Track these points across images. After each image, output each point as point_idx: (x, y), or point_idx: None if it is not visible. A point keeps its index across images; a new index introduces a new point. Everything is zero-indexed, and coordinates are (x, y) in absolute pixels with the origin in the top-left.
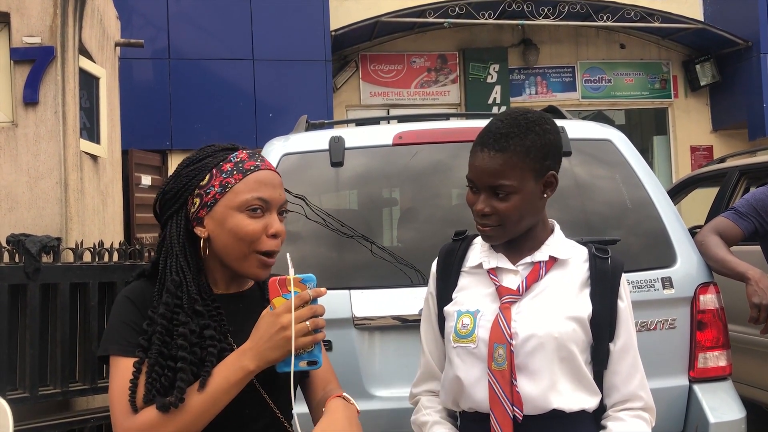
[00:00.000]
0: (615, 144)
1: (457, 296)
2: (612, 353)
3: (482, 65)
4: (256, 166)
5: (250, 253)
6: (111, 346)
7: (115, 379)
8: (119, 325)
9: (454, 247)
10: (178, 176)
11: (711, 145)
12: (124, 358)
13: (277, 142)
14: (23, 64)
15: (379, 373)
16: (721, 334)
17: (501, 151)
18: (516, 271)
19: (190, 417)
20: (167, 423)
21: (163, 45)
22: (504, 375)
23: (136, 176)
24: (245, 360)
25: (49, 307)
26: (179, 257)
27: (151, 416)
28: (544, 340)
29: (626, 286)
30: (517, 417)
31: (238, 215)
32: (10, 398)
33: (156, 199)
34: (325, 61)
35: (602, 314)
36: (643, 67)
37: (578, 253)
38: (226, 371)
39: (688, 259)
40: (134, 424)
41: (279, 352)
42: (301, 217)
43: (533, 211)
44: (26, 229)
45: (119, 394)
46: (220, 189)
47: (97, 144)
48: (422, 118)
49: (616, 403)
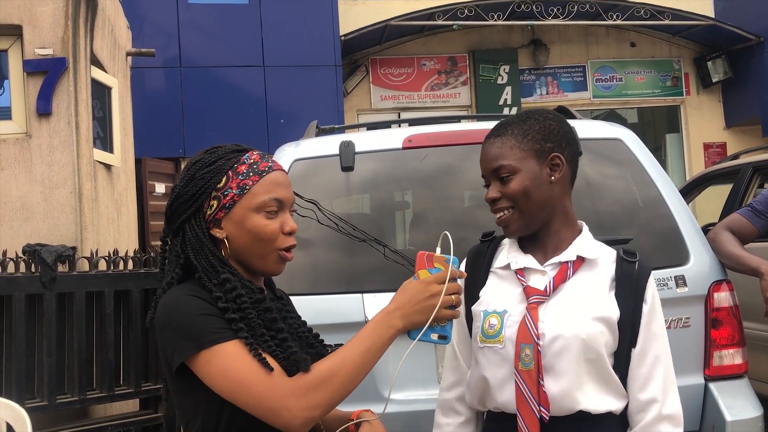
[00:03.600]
0: (625, 143)
1: (484, 296)
2: (632, 358)
3: (492, 66)
4: (269, 167)
5: (271, 251)
6: (204, 339)
7: (233, 362)
8: (199, 319)
9: (483, 248)
10: (192, 179)
11: (724, 141)
12: (227, 343)
13: (288, 148)
14: (36, 75)
15: (393, 376)
16: (736, 331)
17: (500, 136)
18: (543, 272)
19: (356, 369)
20: (336, 375)
21: (174, 53)
22: (531, 375)
23: (150, 184)
24: (394, 319)
25: (65, 315)
26: (210, 256)
27: (322, 370)
28: (571, 341)
29: (654, 290)
30: (544, 417)
31: (255, 216)
32: (28, 406)
33: (169, 203)
34: (335, 65)
35: (625, 317)
36: (654, 65)
37: (606, 254)
38: (379, 329)
39: (701, 257)
40: (305, 381)
41: (423, 316)
42: (313, 222)
43: (544, 195)
44: (41, 238)
45: (255, 371)
46: (238, 191)
47: (111, 153)
48: (433, 120)
49: (634, 411)
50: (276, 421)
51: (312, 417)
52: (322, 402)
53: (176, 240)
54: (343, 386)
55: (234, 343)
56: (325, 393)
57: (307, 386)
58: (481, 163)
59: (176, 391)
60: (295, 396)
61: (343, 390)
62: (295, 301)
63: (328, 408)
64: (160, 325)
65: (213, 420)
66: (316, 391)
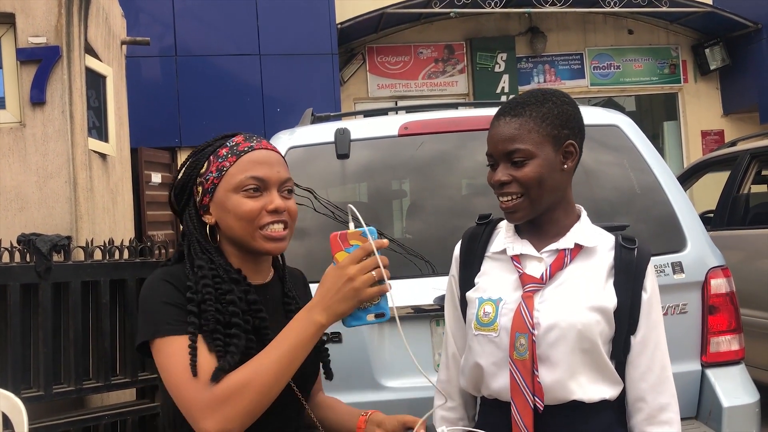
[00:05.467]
0: (622, 129)
1: (480, 282)
2: (632, 346)
3: (490, 54)
4: (251, 147)
5: (254, 230)
6: (160, 327)
7: (174, 358)
8: (162, 306)
9: (478, 231)
10: (183, 168)
11: (722, 129)
12: (178, 336)
13: (283, 136)
14: (29, 64)
15: (390, 364)
16: (733, 318)
17: (517, 116)
18: (540, 258)
19: (271, 378)
20: (248, 386)
21: (170, 42)
22: (525, 365)
23: (146, 174)
24: (315, 315)
25: (61, 305)
26: (194, 243)
27: (231, 383)
28: (567, 331)
29: (653, 278)
30: (538, 407)
31: (235, 197)
32: (24, 397)
33: (169, 194)
34: (331, 54)
35: (624, 305)
36: (652, 52)
37: (605, 241)
38: (299, 328)
39: (699, 243)
40: (215, 395)
41: (348, 304)
42: (309, 210)
43: (554, 183)
44: (36, 228)
45: (184, 371)
46: (216, 174)
47: (106, 142)
48: (430, 108)
49: (634, 399)
50: (196, 429)
51: (226, 430)
52: (235, 415)
53: None
54: (259, 395)
55: (184, 338)
56: (237, 406)
57: (219, 399)
58: (490, 143)
59: None
60: (210, 408)
61: (260, 399)
62: None
63: (247, 419)
64: (138, 302)
65: None
66: (226, 404)
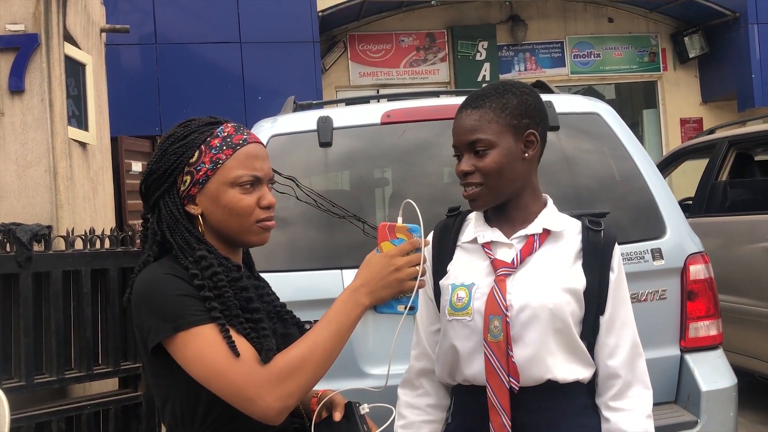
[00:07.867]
0: (602, 117)
1: (452, 270)
2: (601, 325)
3: (471, 43)
4: (244, 140)
5: (250, 225)
6: (181, 321)
7: (209, 347)
8: (177, 300)
9: (449, 223)
10: (164, 155)
11: (701, 117)
12: (204, 326)
13: (265, 124)
14: (7, 51)
15: (373, 352)
16: (712, 303)
17: (477, 108)
18: (510, 245)
19: (326, 355)
20: (307, 363)
21: (150, 30)
22: (500, 346)
23: (127, 163)
24: (361, 297)
25: (42, 295)
26: (185, 233)
27: (291, 359)
28: (539, 311)
29: (619, 258)
30: (514, 388)
31: (230, 191)
32: (6, 387)
33: (142, 179)
34: (313, 42)
35: (592, 286)
36: (632, 40)
37: (572, 225)
38: (347, 308)
39: (678, 230)
40: (273, 372)
41: (389, 291)
42: (291, 199)
43: (516, 171)
44: (16, 218)
45: (225, 356)
46: (211, 165)
47: (86, 131)
48: (412, 96)
49: (604, 378)
50: (251, 410)
51: (287, 406)
52: (296, 390)
53: (153, 217)
54: (315, 371)
55: (211, 326)
56: (298, 381)
57: (280, 375)
58: (454, 134)
59: (153, 372)
60: (269, 385)
61: (316, 375)
62: (274, 278)
63: (303, 394)
64: (137, 303)
65: (191, 402)
66: (289, 379)
